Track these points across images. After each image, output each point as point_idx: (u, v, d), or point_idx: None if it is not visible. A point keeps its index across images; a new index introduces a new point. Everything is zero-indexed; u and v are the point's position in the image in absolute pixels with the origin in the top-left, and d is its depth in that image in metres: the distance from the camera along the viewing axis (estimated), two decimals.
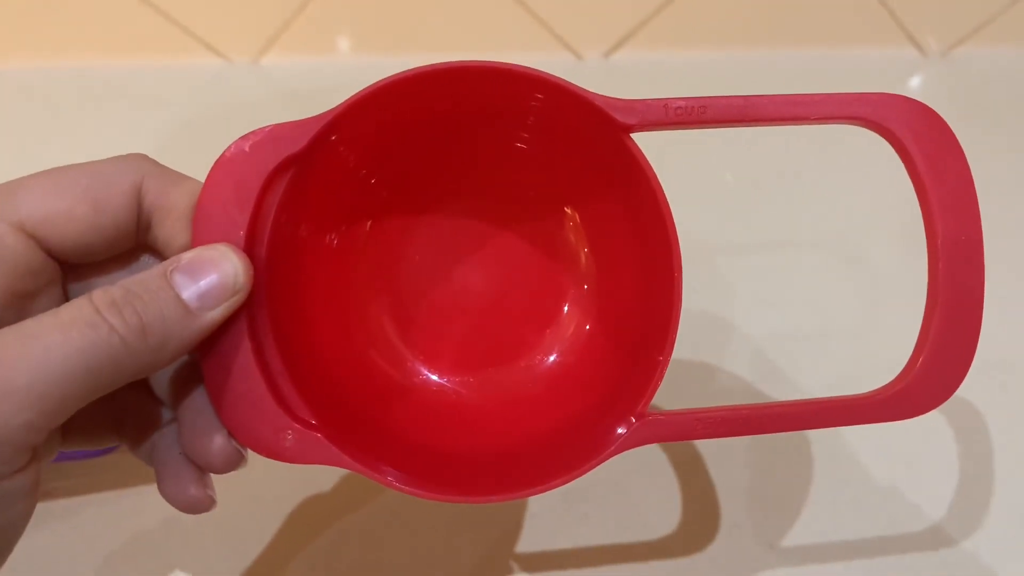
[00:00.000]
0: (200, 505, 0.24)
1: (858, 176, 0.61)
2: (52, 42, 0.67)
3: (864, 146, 0.31)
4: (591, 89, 0.26)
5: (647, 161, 0.26)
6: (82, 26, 0.66)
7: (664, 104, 0.26)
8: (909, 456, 0.44)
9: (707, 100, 0.27)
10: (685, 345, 0.41)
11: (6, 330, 0.19)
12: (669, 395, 0.37)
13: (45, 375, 0.19)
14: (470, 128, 0.27)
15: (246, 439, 0.23)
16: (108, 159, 0.24)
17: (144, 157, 0.25)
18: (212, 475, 0.25)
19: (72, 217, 0.22)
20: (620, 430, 0.24)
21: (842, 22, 0.72)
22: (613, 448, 0.24)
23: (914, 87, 0.73)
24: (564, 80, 0.25)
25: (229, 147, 0.24)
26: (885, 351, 0.32)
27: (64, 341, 0.19)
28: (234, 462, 0.24)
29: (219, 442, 0.23)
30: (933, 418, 0.45)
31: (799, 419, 0.26)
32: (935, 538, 0.40)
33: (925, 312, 0.26)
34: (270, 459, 0.24)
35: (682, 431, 0.25)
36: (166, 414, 0.26)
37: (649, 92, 0.27)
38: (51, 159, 0.61)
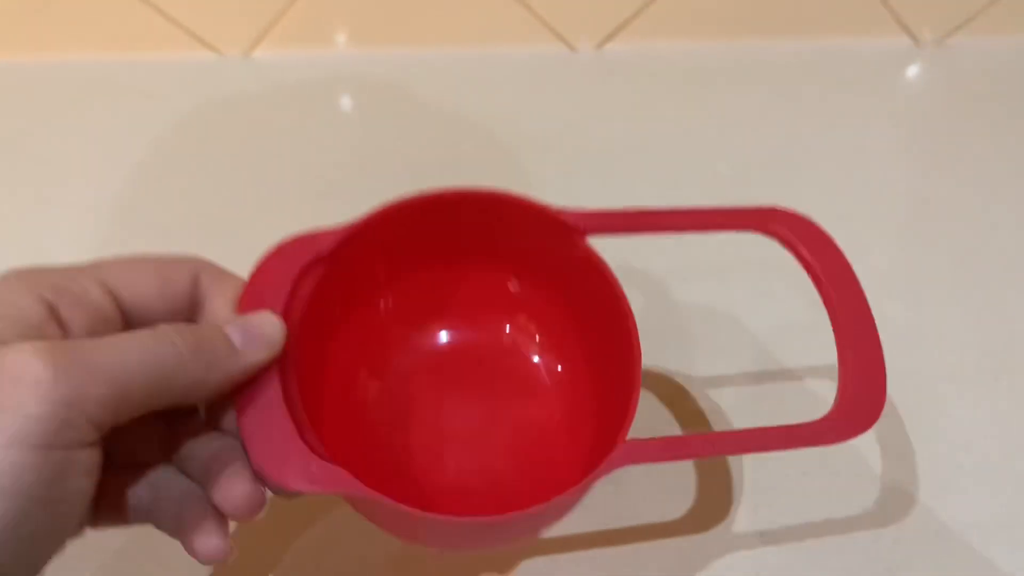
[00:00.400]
0: (223, 554, 0.28)
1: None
2: (43, 36, 0.67)
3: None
4: (585, 82, 0.28)
5: (599, 256, 0.32)
6: (73, 21, 0.66)
7: (608, 214, 0.33)
8: (902, 448, 0.44)
9: (638, 214, 0.34)
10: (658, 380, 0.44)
11: (92, 339, 0.25)
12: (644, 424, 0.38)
13: (119, 364, 0.24)
14: (458, 244, 0.34)
15: (274, 472, 0.27)
16: (173, 255, 0.29)
17: (200, 257, 0.30)
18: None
19: (144, 284, 0.28)
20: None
21: (836, 12, 0.71)
22: (602, 468, 0.28)
23: (908, 77, 0.73)
24: (526, 197, 0.32)
25: (272, 248, 0.30)
26: None
27: (135, 345, 0.25)
28: (259, 506, 0.27)
29: (248, 488, 0.27)
30: (923, 416, 0.45)
31: (749, 444, 0.32)
32: (924, 521, 0.41)
33: (838, 358, 0.31)
34: (296, 491, 0.27)
35: (658, 454, 0.29)
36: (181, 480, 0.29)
37: (642, 84, 0.28)
38: (42, 153, 0.62)
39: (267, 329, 0.28)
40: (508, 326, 0.36)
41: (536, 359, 0.36)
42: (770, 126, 0.67)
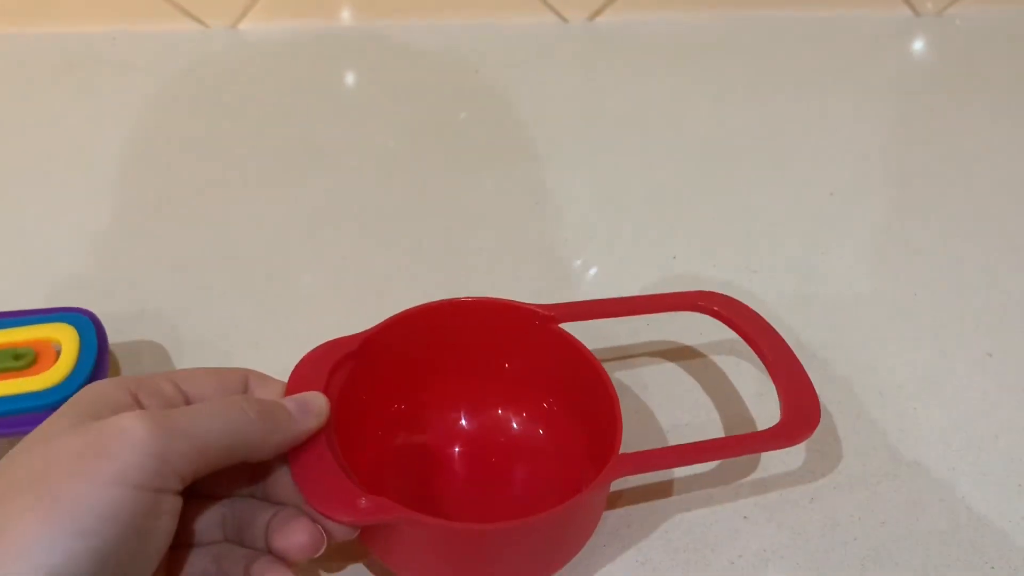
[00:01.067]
0: None
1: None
2: (29, 8, 0.67)
3: None
4: (577, 53, 0.30)
5: (570, 335, 0.41)
6: None
7: (573, 304, 0.42)
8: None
9: (597, 304, 0.43)
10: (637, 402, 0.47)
11: (178, 408, 0.31)
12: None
13: (200, 426, 0.30)
14: (458, 339, 0.42)
15: (327, 507, 0.33)
16: (227, 368, 0.36)
17: (248, 369, 0.36)
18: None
19: (205, 383, 0.34)
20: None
21: None
22: (601, 477, 0.35)
23: (907, 47, 0.71)
24: (511, 300, 0.41)
25: (311, 351, 0.38)
26: None
27: (213, 411, 0.31)
28: (320, 543, 0.34)
29: (309, 527, 0.33)
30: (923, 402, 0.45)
31: (715, 452, 0.40)
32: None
33: (777, 388, 0.40)
34: (348, 522, 0.33)
35: (645, 465, 0.37)
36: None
37: (635, 55, 0.29)
38: (29, 125, 0.62)
39: (317, 402, 0.34)
40: (505, 402, 0.43)
41: (541, 431, 0.43)
42: (765, 98, 0.66)
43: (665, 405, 0.45)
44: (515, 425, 0.43)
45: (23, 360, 0.41)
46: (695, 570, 0.38)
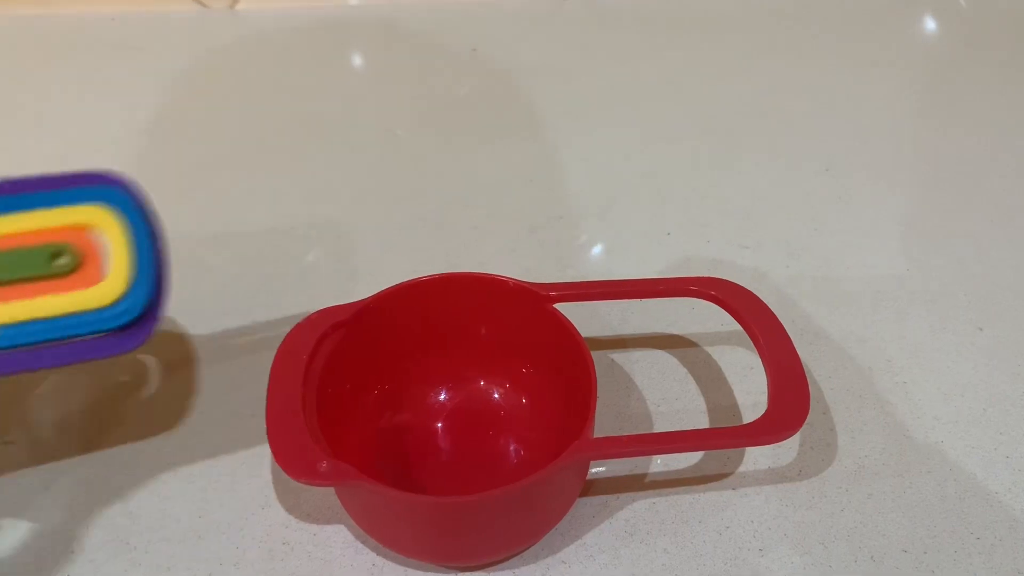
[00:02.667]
0: None
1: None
2: None
3: None
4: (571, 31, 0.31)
5: (562, 315, 0.40)
6: None
7: (571, 285, 0.41)
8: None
9: (595, 285, 0.43)
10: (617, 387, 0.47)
11: None
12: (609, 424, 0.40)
13: None
14: (450, 315, 0.42)
15: (290, 468, 0.33)
16: None
17: None
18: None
19: None
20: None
21: None
22: (561, 459, 0.35)
23: (915, 23, 0.71)
24: (507, 277, 0.41)
25: (304, 319, 0.38)
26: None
27: None
28: None
29: None
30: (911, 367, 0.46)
31: (693, 442, 0.39)
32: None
33: (768, 380, 0.38)
34: (307, 482, 0.33)
35: (612, 450, 0.38)
36: None
37: (631, 31, 0.28)
38: (27, 106, 0.62)
39: None
40: (496, 374, 0.43)
41: (523, 400, 0.43)
42: (762, 72, 0.66)
43: (653, 389, 0.45)
44: (499, 398, 0.43)
45: (65, 261, 0.31)
46: (682, 539, 0.38)
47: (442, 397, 0.43)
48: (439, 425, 0.42)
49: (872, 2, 0.71)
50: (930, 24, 0.71)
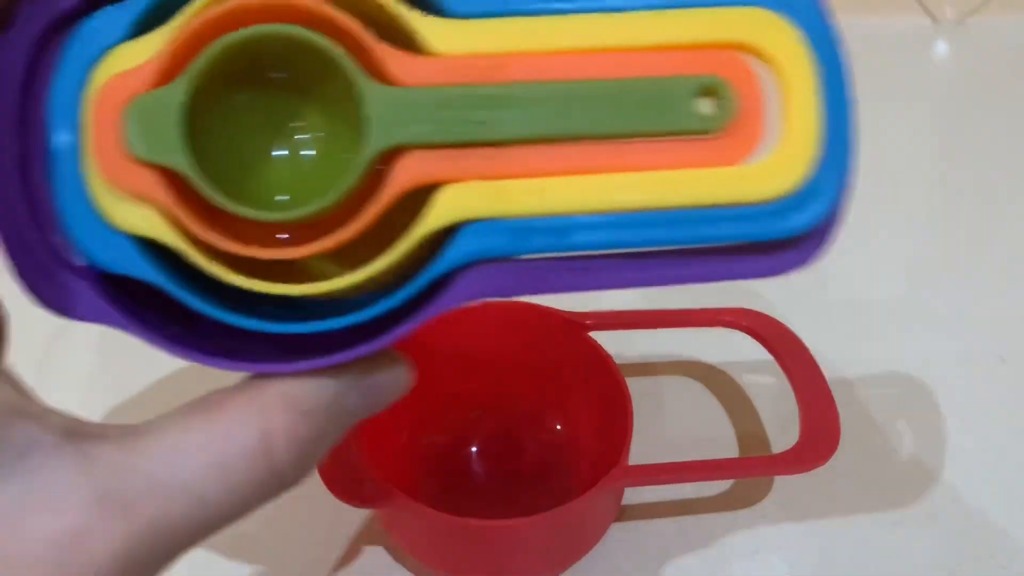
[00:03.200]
0: None
1: None
2: None
3: None
4: None
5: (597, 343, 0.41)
6: None
7: (603, 314, 0.42)
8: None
9: (630, 315, 0.45)
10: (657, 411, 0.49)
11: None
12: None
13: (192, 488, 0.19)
14: (487, 341, 0.43)
15: (336, 488, 0.34)
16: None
17: None
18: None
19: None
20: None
21: None
22: (597, 488, 0.35)
23: (927, 57, 0.72)
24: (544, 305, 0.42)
25: None
26: None
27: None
28: None
29: None
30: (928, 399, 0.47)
31: (727, 471, 0.41)
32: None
33: (800, 411, 0.39)
34: (351, 503, 0.35)
35: (649, 478, 0.39)
36: None
37: None
38: None
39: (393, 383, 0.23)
40: (531, 400, 0.44)
41: (558, 427, 0.44)
42: None
43: (682, 415, 0.45)
44: (534, 424, 0.44)
45: (713, 111, 0.19)
46: (713, 565, 0.39)
47: (477, 421, 0.44)
48: (474, 449, 0.43)
49: (883, 35, 0.71)
50: (948, 57, 0.72)
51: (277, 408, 0.19)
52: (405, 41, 0.20)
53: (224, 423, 0.18)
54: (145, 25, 0.20)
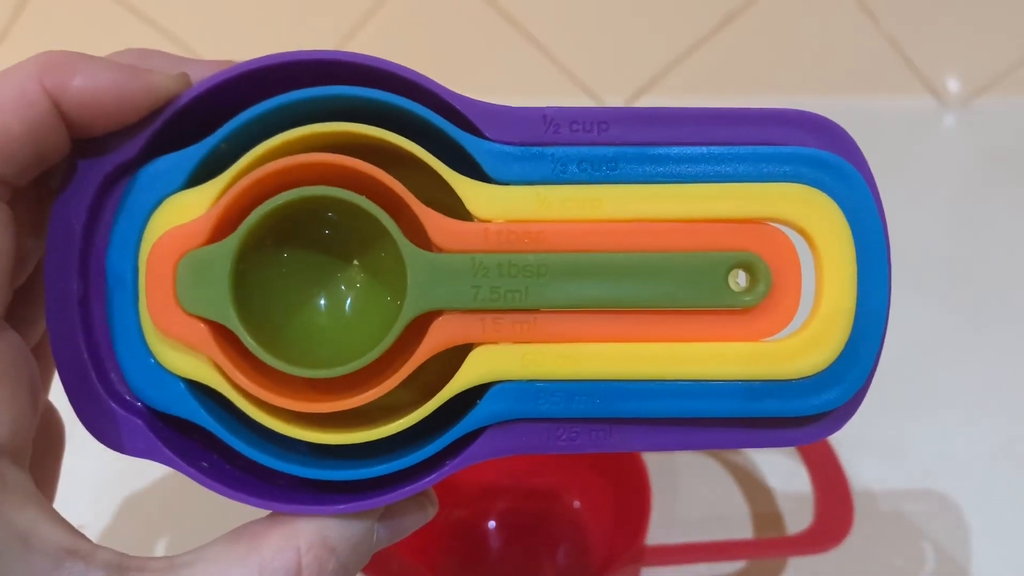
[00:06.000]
0: None
1: None
2: None
3: None
4: None
5: None
6: None
7: None
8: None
9: None
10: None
11: None
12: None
13: None
14: None
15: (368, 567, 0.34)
16: None
17: None
18: None
19: None
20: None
21: (856, 71, 0.72)
22: (626, 559, 0.36)
23: (932, 137, 0.73)
24: None
25: None
26: None
27: None
28: None
29: None
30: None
31: (744, 551, 0.41)
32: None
33: (814, 494, 0.40)
34: None
35: (667, 558, 0.39)
36: None
37: None
38: None
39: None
40: (549, 476, 0.44)
41: (576, 504, 0.44)
42: None
43: (697, 493, 0.46)
44: (552, 500, 0.44)
45: (750, 287, 0.21)
46: None
47: (495, 498, 0.44)
48: (492, 524, 0.44)
49: (891, 116, 0.73)
50: (954, 138, 0.73)
51: (312, 546, 0.21)
52: (445, 200, 0.21)
53: (259, 557, 0.20)
54: (202, 170, 0.21)
